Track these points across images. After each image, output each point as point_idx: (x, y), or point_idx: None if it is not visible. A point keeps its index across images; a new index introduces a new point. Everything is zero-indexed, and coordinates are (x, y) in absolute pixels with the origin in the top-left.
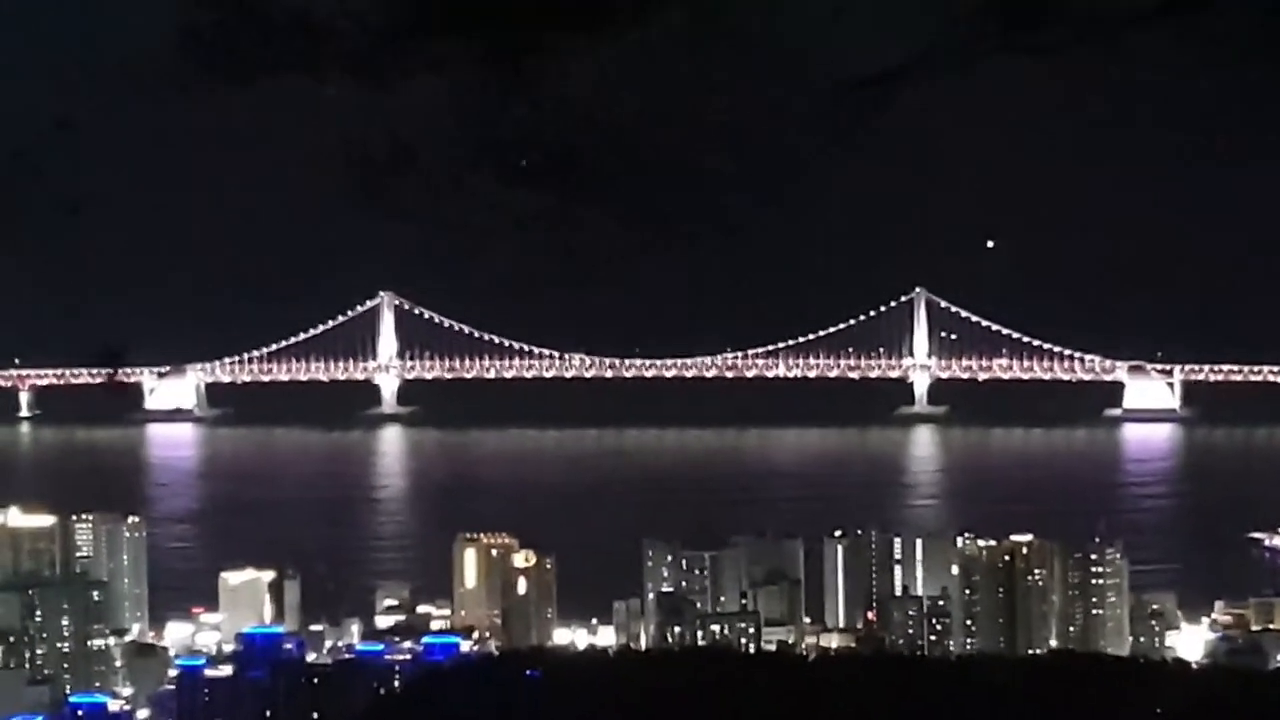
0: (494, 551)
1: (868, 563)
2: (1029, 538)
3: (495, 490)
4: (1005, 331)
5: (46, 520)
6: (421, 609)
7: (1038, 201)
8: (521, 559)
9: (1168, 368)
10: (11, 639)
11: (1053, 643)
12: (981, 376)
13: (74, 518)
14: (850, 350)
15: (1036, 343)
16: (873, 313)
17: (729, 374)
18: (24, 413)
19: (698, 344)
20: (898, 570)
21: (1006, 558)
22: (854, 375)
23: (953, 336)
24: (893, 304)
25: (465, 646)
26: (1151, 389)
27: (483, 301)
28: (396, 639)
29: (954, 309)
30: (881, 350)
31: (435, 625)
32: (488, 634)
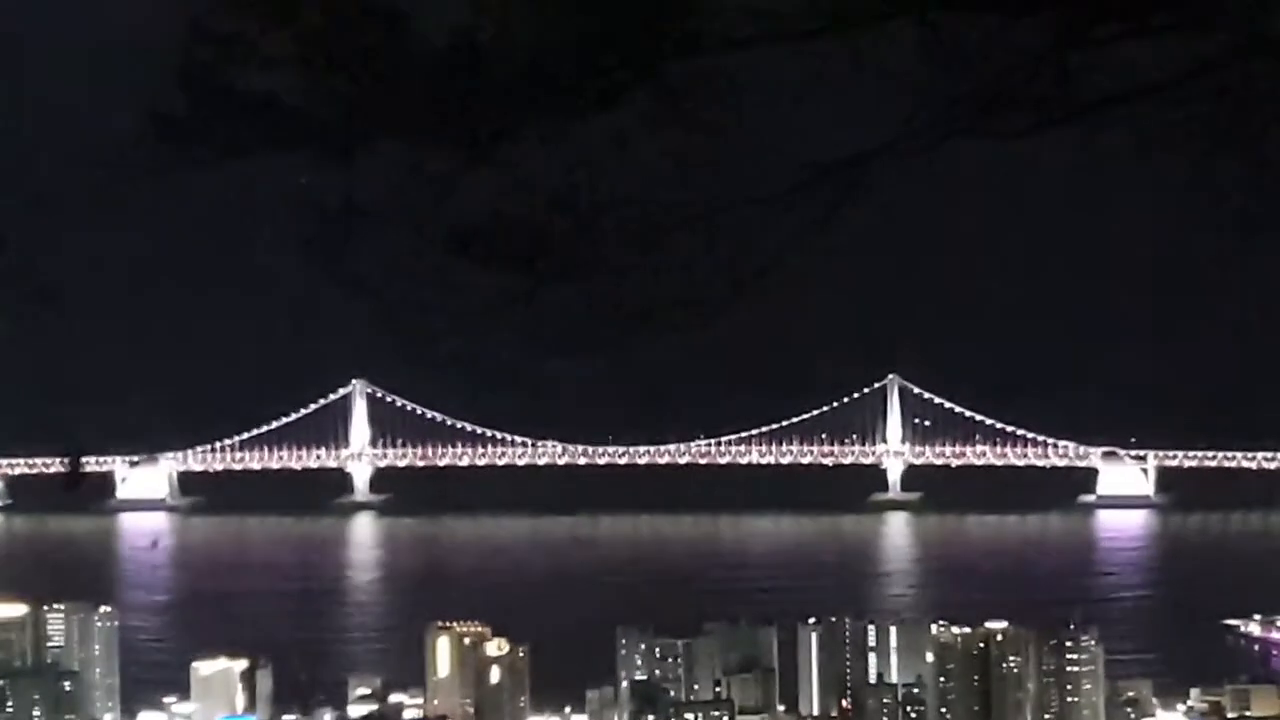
0: (466, 640)
1: (842, 650)
2: (1004, 625)
3: (468, 578)
4: (979, 417)
5: (18, 610)
6: (394, 698)
7: (1009, 286)
8: (494, 647)
9: (1142, 454)
10: None
11: None
12: (955, 463)
13: (45, 607)
14: (823, 436)
15: (1010, 428)
16: (846, 399)
17: (702, 460)
18: None
19: (669, 430)
20: (872, 658)
21: (981, 645)
22: (827, 462)
23: (926, 423)
24: (866, 390)
25: None
26: (1125, 475)
27: (455, 389)
28: None
29: (927, 395)
30: (855, 436)
31: (408, 715)
32: None
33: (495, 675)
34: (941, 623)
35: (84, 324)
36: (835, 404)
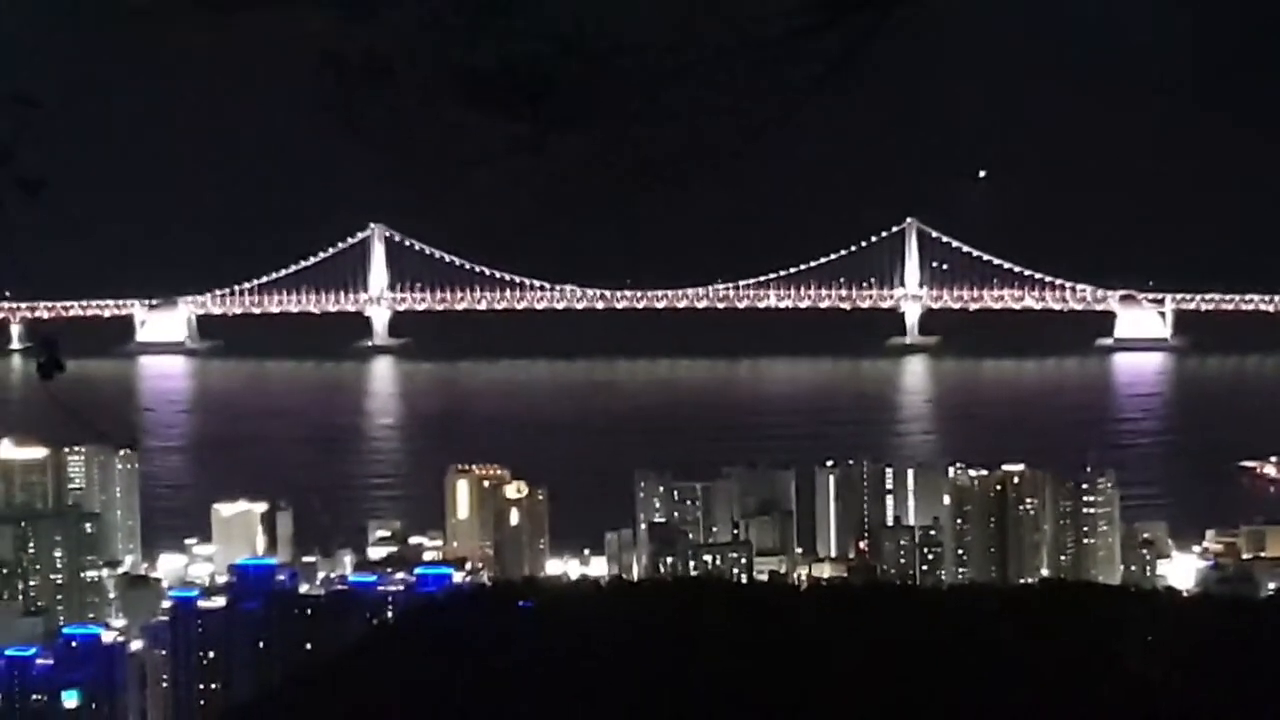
0: (486, 483)
1: (859, 493)
2: (1020, 467)
3: (487, 422)
4: (996, 261)
5: (39, 452)
6: (414, 540)
7: (1029, 129)
8: (513, 490)
9: (1159, 297)
10: (4, 571)
11: (1044, 572)
12: (973, 307)
13: (66, 450)
14: (841, 281)
15: (1028, 272)
16: (864, 243)
17: (720, 305)
18: (15, 345)
19: (688, 275)
20: (889, 500)
21: (998, 487)
22: (845, 306)
23: (944, 267)
24: (884, 234)
25: (458, 577)
26: (1143, 318)
27: (473, 233)
28: (389, 570)
29: (945, 239)
30: (873, 281)
31: (427, 556)
32: (480, 565)
33: (514, 517)
34: (958, 465)
35: (102, 170)
36: (853, 248)
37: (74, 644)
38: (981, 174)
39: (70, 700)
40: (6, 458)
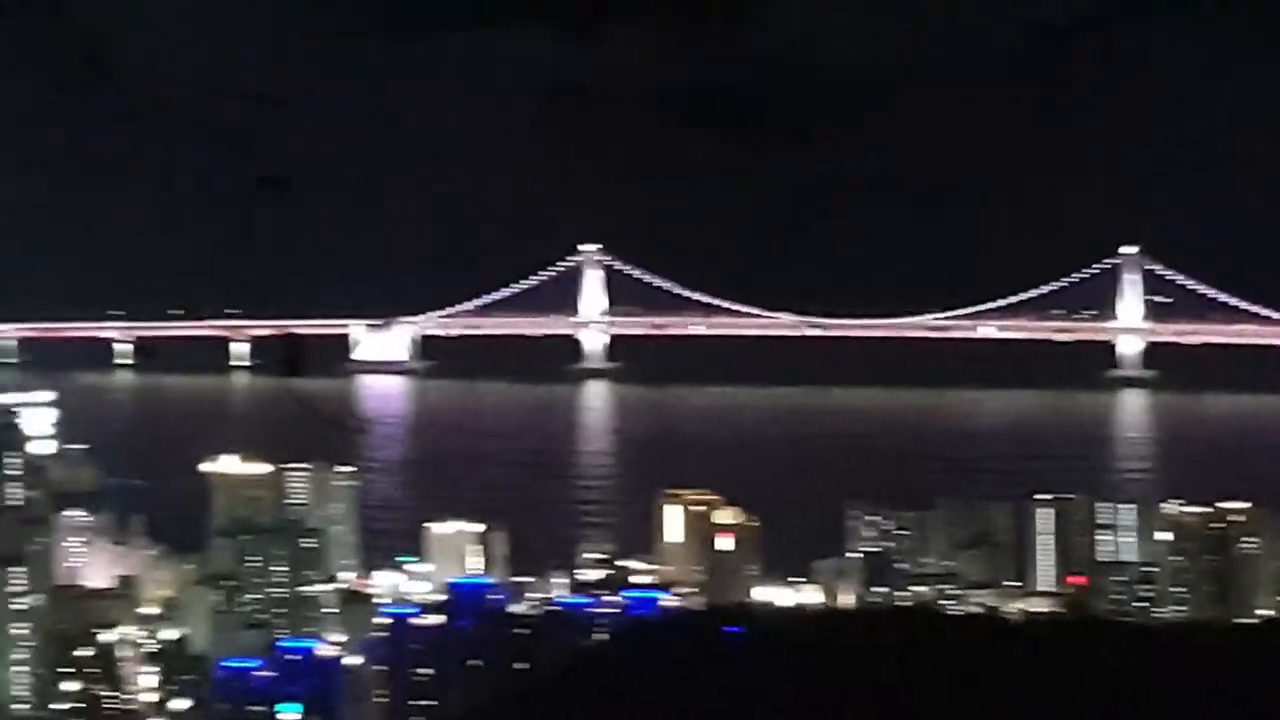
0: (697, 508)
1: (1074, 527)
2: (1243, 505)
3: (699, 447)
4: (1219, 295)
5: (262, 469)
6: (624, 563)
7: (1254, 159)
8: (725, 516)
9: None
10: (229, 583)
11: (1268, 612)
12: (1194, 340)
13: (288, 466)
14: (1058, 312)
15: (1251, 307)
16: (1082, 274)
17: (934, 334)
18: (238, 362)
19: (901, 304)
20: (1105, 535)
21: (1218, 525)
22: (1061, 337)
23: (1166, 300)
24: (1104, 264)
25: (667, 601)
26: None
27: (687, 259)
28: (600, 592)
29: (1163, 271)
30: (1091, 312)
31: (638, 580)
32: (690, 590)
33: (726, 544)
34: (1177, 502)
35: (326, 195)
36: (1070, 279)
37: (291, 657)
38: (1203, 207)
39: (290, 714)
40: (231, 473)
